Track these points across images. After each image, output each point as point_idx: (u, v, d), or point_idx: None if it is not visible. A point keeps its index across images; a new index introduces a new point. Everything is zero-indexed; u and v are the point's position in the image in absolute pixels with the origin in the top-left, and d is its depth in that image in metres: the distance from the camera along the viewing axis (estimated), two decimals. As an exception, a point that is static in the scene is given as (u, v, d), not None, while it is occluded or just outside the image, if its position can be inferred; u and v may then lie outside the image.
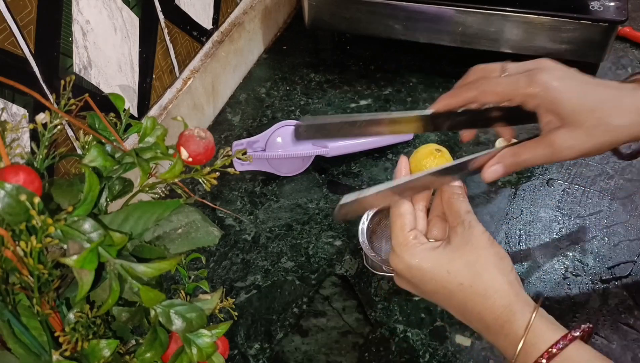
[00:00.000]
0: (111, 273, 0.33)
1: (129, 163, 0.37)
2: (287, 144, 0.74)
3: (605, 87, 0.50)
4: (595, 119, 0.48)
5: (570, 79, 0.49)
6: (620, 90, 0.50)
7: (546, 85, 0.48)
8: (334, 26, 0.90)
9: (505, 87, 0.49)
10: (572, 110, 0.48)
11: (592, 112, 0.48)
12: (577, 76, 0.50)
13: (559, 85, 0.48)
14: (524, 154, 0.50)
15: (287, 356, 0.59)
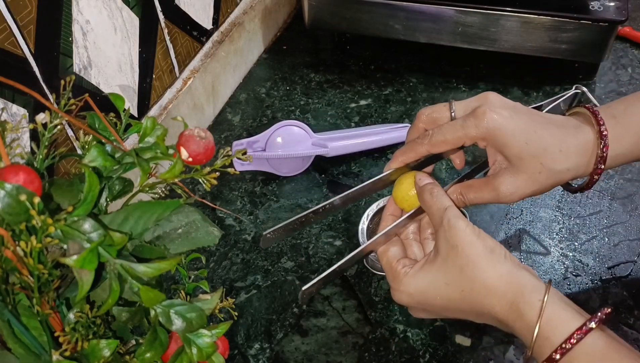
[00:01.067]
0: (111, 273, 0.33)
1: (129, 163, 0.37)
2: (287, 144, 0.74)
3: (549, 128, 0.50)
4: (539, 165, 0.49)
5: (517, 119, 0.50)
6: (564, 130, 0.50)
7: (494, 127, 0.49)
8: (334, 26, 0.90)
9: (454, 134, 0.50)
10: (516, 155, 0.49)
11: (535, 158, 0.49)
12: (522, 116, 0.50)
13: (505, 126, 0.49)
14: (470, 195, 0.52)
15: (287, 356, 0.59)
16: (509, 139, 0.49)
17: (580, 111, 0.52)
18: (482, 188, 0.51)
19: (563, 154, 0.49)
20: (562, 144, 0.49)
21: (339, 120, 0.84)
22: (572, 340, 0.39)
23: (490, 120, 0.49)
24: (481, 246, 0.45)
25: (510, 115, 0.49)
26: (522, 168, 0.49)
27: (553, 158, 0.49)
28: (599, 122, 0.49)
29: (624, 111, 0.51)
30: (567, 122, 0.51)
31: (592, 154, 0.50)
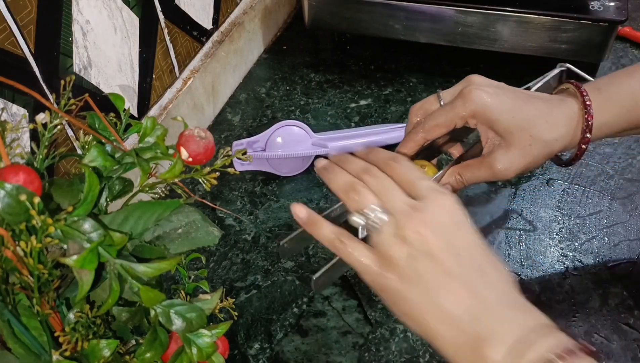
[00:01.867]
0: (111, 273, 0.33)
1: (129, 163, 0.37)
2: (287, 144, 0.74)
3: (535, 102, 0.52)
4: (528, 137, 0.51)
5: (502, 95, 0.52)
6: (549, 103, 0.53)
7: (480, 104, 0.51)
8: (334, 26, 0.90)
9: (445, 116, 0.52)
10: (506, 129, 0.51)
11: (524, 130, 0.51)
12: (507, 92, 0.52)
13: (492, 102, 0.51)
14: (467, 174, 0.54)
15: (287, 356, 0.59)
16: (496, 114, 0.51)
17: (565, 87, 0.55)
18: (478, 167, 0.53)
19: (550, 124, 0.51)
20: (548, 116, 0.52)
21: (339, 120, 0.84)
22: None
23: (476, 97, 0.51)
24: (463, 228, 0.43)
25: (495, 92, 0.51)
26: (513, 142, 0.51)
27: (541, 129, 0.51)
28: (582, 94, 0.52)
29: (608, 84, 0.53)
30: (552, 97, 0.54)
31: (577, 123, 0.52)
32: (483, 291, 0.39)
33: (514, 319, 0.38)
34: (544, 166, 0.75)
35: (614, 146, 0.77)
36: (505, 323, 0.38)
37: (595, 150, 0.77)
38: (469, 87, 0.52)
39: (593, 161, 0.75)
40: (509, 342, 0.36)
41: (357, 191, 0.45)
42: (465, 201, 0.71)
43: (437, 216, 0.41)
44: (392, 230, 0.42)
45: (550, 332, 0.37)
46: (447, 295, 0.39)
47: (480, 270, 0.40)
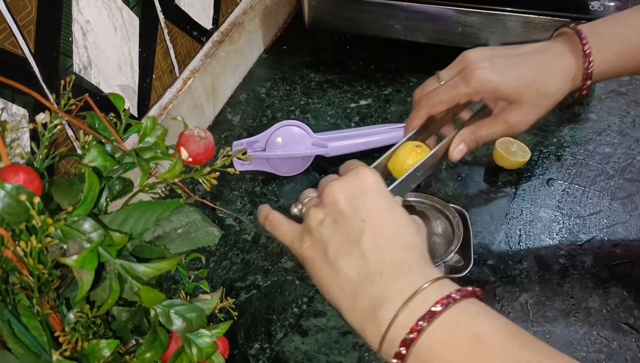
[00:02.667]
0: (111, 273, 0.33)
1: (129, 163, 0.37)
2: (287, 144, 0.74)
3: (532, 60, 0.55)
4: (534, 92, 0.54)
5: (499, 63, 0.54)
6: (545, 57, 0.55)
7: (482, 80, 0.54)
8: (334, 26, 0.90)
9: (447, 94, 0.56)
10: (512, 92, 0.54)
11: (529, 87, 0.54)
12: (503, 59, 0.55)
13: (492, 76, 0.54)
14: (482, 131, 0.56)
15: (287, 356, 0.59)
16: (498, 84, 0.54)
17: (564, 31, 0.57)
18: (493, 124, 0.56)
19: (551, 77, 0.54)
20: (546, 68, 0.54)
21: (339, 120, 0.84)
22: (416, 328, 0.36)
23: (476, 76, 0.53)
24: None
25: (491, 64, 0.54)
26: (522, 98, 0.54)
27: (544, 83, 0.54)
28: (582, 42, 0.54)
29: (610, 29, 0.55)
30: (547, 47, 0.56)
31: (577, 71, 0.54)
32: (378, 255, 0.40)
33: (405, 278, 0.39)
34: (544, 166, 0.75)
35: (614, 146, 0.77)
36: (397, 283, 0.39)
37: (595, 150, 0.77)
38: (468, 67, 0.54)
39: (593, 161, 0.75)
40: (399, 300, 0.38)
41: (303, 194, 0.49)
42: (466, 201, 0.71)
43: (352, 184, 0.44)
44: (313, 203, 0.45)
45: (439, 285, 0.38)
46: (345, 259, 0.41)
47: (380, 233, 0.41)
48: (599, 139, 0.78)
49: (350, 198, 0.43)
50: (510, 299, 0.61)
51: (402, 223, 0.42)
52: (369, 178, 0.43)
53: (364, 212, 0.42)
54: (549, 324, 0.59)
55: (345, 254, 0.41)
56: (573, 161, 0.76)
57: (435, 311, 0.36)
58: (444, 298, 0.36)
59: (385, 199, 0.43)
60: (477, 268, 0.64)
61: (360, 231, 0.41)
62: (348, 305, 0.40)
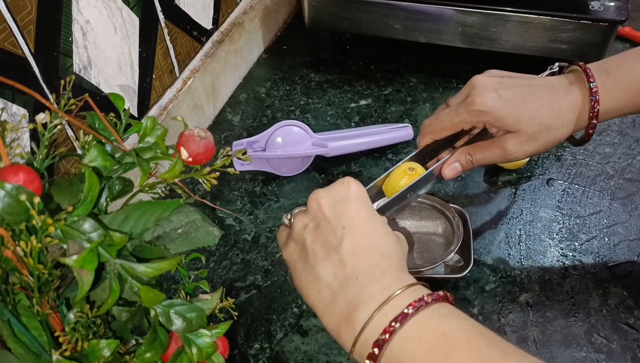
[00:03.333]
0: (111, 273, 0.33)
1: (129, 163, 0.37)
2: (287, 144, 0.74)
3: (537, 93, 0.54)
4: (537, 125, 0.53)
5: (504, 95, 0.54)
6: (553, 92, 0.54)
7: (485, 109, 0.53)
8: (334, 26, 0.90)
9: (451, 121, 0.56)
10: (514, 121, 0.53)
11: (532, 119, 0.53)
12: (509, 89, 0.54)
13: (495, 104, 0.53)
14: (478, 155, 0.56)
15: (287, 356, 0.59)
16: (501, 114, 0.53)
17: (573, 69, 0.56)
18: (489, 148, 0.56)
19: (555, 113, 0.54)
20: (552, 105, 0.54)
21: (339, 120, 0.84)
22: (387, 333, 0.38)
23: (480, 104, 0.53)
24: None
25: (496, 94, 0.54)
26: (523, 129, 0.53)
27: (547, 117, 0.53)
28: (589, 80, 0.53)
29: (618, 67, 0.54)
30: (557, 83, 0.55)
31: (583, 109, 0.54)
32: (355, 260, 0.41)
33: (379, 282, 0.40)
34: (544, 166, 0.75)
35: (614, 146, 0.77)
36: (371, 287, 0.40)
37: (595, 150, 0.77)
38: (473, 94, 0.54)
39: (593, 161, 0.75)
40: (373, 304, 0.39)
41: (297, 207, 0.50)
42: (466, 201, 0.71)
43: (336, 191, 0.45)
44: (299, 211, 0.47)
45: (412, 290, 0.40)
46: (324, 264, 0.42)
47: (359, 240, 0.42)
48: (599, 139, 0.78)
49: (333, 205, 0.44)
50: (510, 299, 0.61)
51: (381, 232, 0.44)
52: (352, 186, 0.45)
53: (345, 218, 0.43)
54: (549, 324, 0.59)
55: (323, 259, 0.42)
56: (573, 161, 0.76)
57: (408, 313, 0.38)
58: (416, 301, 0.38)
59: (367, 208, 0.44)
60: (477, 268, 0.64)
61: (340, 237, 0.42)
62: (324, 308, 0.42)
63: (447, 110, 0.57)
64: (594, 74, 0.53)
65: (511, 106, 0.53)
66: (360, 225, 0.43)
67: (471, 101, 0.54)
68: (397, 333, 0.37)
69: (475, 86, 0.55)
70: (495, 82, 0.55)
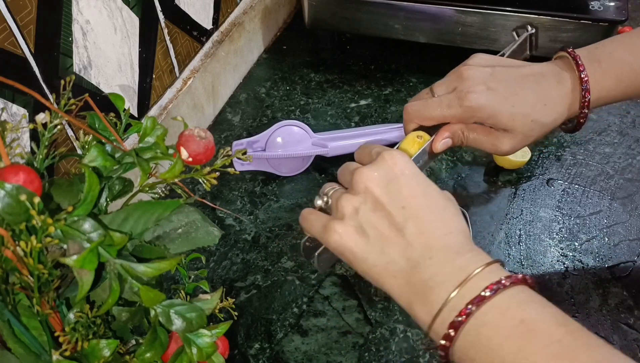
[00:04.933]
0: (111, 273, 0.33)
1: (129, 162, 0.37)
2: (287, 144, 0.74)
3: (529, 86, 0.53)
4: (530, 123, 0.52)
5: (496, 87, 0.52)
6: (544, 83, 0.53)
7: (476, 106, 0.52)
8: (334, 26, 0.90)
9: (442, 114, 0.54)
10: (508, 118, 0.52)
11: (526, 116, 0.52)
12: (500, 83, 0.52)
13: (488, 101, 0.51)
14: (471, 134, 0.54)
15: (287, 356, 0.59)
16: (495, 111, 0.52)
17: (562, 55, 0.55)
18: (484, 135, 0.54)
19: (548, 107, 0.52)
20: (545, 98, 0.52)
21: (339, 120, 0.84)
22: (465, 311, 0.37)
23: (470, 100, 0.52)
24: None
25: (488, 88, 0.52)
26: (517, 128, 0.52)
27: (541, 113, 0.52)
28: (580, 69, 0.52)
29: (609, 55, 0.53)
30: (547, 71, 0.54)
31: (574, 99, 0.53)
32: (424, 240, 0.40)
33: (455, 263, 0.39)
34: (544, 166, 0.75)
35: (614, 146, 0.77)
36: (446, 267, 0.39)
37: (595, 150, 0.77)
38: (464, 89, 0.52)
39: (593, 161, 0.75)
40: (450, 285, 0.38)
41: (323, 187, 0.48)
42: (466, 200, 0.71)
43: (383, 170, 0.43)
44: (339, 193, 0.44)
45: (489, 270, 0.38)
46: (392, 247, 0.41)
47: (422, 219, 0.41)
48: (599, 139, 0.78)
49: (385, 186, 0.42)
50: (510, 299, 0.61)
51: (441, 207, 0.42)
52: (399, 161, 0.43)
53: (402, 199, 0.42)
54: (549, 324, 0.59)
55: (390, 242, 0.41)
56: (573, 161, 0.76)
57: (485, 296, 0.37)
58: (493, 284, 0.37)
59: (420, 183, 0.43)
60: (477, 268, 0.64)
61: (403, 218, 0.41)
62: (399, 291, 0.41)
63: (437, 100, 0.54)
64: (584, 63, 0.52)
65: (504, 102, 0.52)
66: (420, 203, 0.42)
67: (463, 97, 0.52)
68: (474, 317, 0.37)
69: (465, 79, 0.53)
70: (486, 74, 0.53)
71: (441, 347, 0.38)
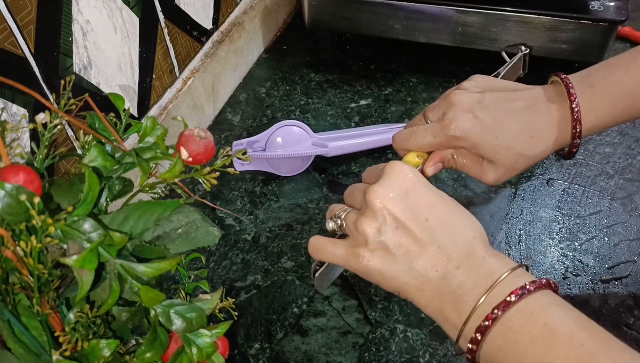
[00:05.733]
0: (111, 273, 0.33)
1: (129, 162, 0.37)
2: (287, 144, 0.74)
3: (516, 115, 0.51)
4: (514, 155, 0.51)
5: (481, 118, 0.51)
6: (532, 113, 0.51)
7: (461, 135, 0.51)
8: (334, 26, 0.90)
9: (428, 143, 0.53)
10: (491, 150, 0.51)
11: (509, 149, 0.51)
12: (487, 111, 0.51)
13: (472, 130, 0.51)
14: (459, 160, 0.54)
15: (287, 356, 0.59)
16: (478, 141, 0.51)
17: (554, 79, 0.53)
18: (473, 162, 0.54)
19: (534, 139, 0.51)
20: (532, 130, 0.51)
21: (339, 120, 0.84)
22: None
23: (455, 129, 0.51)
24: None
25: (473, 116, 0.51)
26: (500, 161, 0.52)
27: (525, 146, 0.51)
28: (571, 98, 0.50)
29: (603, 80, 0.51)
30: (538, 100, 0.52)
31: (565, 129, 0.51)
32: (448, 249, 0.41)
33: (481, 270, 0.40)
34: (544, 166, 0.75)
35: (614, 146, 0.77)
36: (474, 275, 0.40)
37: (595, 150, 0.77)
38: (449, 115, 0.51)
39: (593, 161, 0.75)
40: (477, 292, 0.39)
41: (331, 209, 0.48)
42: (466, 200, 0.71)
43: (394, 185, 0.43)
44: (355, 216, 0.44)
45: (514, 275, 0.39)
46: (420, 261, 0.42)
47: (447, 228, 0.42)
48: (599, 139, 0.78)
49: (400, 201, 0.42)
50: (510, 299, 0.61)
51: (458, 211, 0.43)
52: (409, 173, 0.44)
53: (423, 212, 0.42)
54: (549, 324, 0.59)
55: (417, 258, 0.42)
56: (573, 161, 0.76)
57: (510, 301, 0.37)
58: (518, 289, 0.38)
59: (434, 192, 0.44)
60: (477, 268, 0.64)
61: (426, 232, 0.42)
62: (427, 301, 0.42)
63: (422, 130, 0.53)
64: (577, 90, 0.50)
65: (488, 133, 0.50)
66: (440, 213, 0.42)
67: (447, 125, 0.51)
68: (500, 321, 0.37)
69: (452, 105, 0.52)
70: (473, 101, 0.51)
71: (468, 351, 0.39)
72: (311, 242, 0.48)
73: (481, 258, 0.40)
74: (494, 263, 0.40)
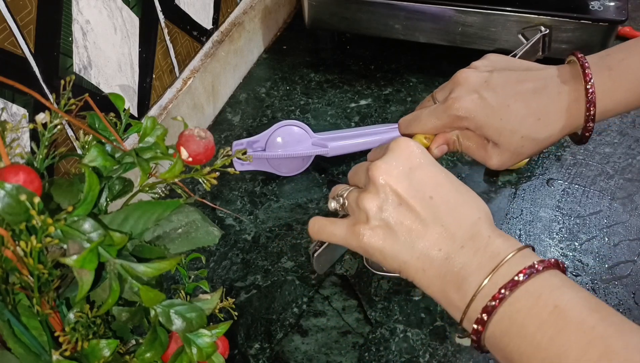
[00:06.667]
0: (111, 273, 0.33)
1: (129, 162, 0.37)
2: (287, 144, 0.74)
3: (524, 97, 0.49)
4: (519, 139, 0.49)
5: (487, 98, 0.49)
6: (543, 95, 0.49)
7: (465, 115, 0.50)
8: (334, 26, 0.90)
9: (433, 125, 0.52)
10: (495, 132, 0.49)
11: (514, 133, 0.49)
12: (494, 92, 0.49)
13: (476, 111, 0.49)
14: (465, 142, 0.53)
15: (287, 356, 0.59)
16: (482, 122, 0.49)
17: (571, 59, 0.51)
18: (478, 145, 0.52)
19: (542, 122, 0.49)
20: (539, 113, 0.49)
21: (339, 120, 0.84)
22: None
23: (459, 109, 0.49)
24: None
25: (479, 97, 0.49)
26: (505, 144, 0.50)
27: (532, 129, 0.49)
28: (586, 79, 0.48)
29: (621, 62, 0.49)
30: (550, 81, 0.50)
31: (578, 112, 0.49)
32: (455, 229, 0.40)
33: (486, 250, 0.39)
34: (544, 166, 0.75)
35: (614, 146, 0.77)
36: (479, 255, 0.38)
37: (595, 150, 0.77)
38: (452, 96, 0.50)
39: (593, 161, 0.75)
40: (483, 272, 0.37)
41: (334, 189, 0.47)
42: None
43: (399, 161, 0.41)
44: (357, 193, 0.43)
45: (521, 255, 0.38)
46: (422, 241, 0.40)
47: (452, 207, 0.40)
48: (599, 139, 0.78)
49: (405, 177, 0.41)
50: (510, 299, 0.61)
51: (464, 191, 0.41)
52: (415, 149, 0.42)
53: (427, 188, 0.41)
54: (549, 324, 0.59)
55: (420, 236, 0.40)
56: (573, 161, 0.76)
57: (518, 280, 0.36)
58: (526, 268, 0.36)
59: (440, 170, 0.42)
60: (477, 268, 0.64)
61: (432, 208, 0.40)
62: (430, 282, 0.40)
63: (426, 113, 0.53)
64: (593, 71, 0.48)
65: (493, 114, 0.49)
66: (446, 191, 0.41)
67: (451, 105, 0.50)
68: (507, 303, 0.36)
69: (458, 84, 0.51)
70: (480, 80, 0.50)
71: (474, 332, 0.37)
72: (311, 222, 0.46)
73: (487, 239, 0.39)
74: (500, 243, 0.39)
